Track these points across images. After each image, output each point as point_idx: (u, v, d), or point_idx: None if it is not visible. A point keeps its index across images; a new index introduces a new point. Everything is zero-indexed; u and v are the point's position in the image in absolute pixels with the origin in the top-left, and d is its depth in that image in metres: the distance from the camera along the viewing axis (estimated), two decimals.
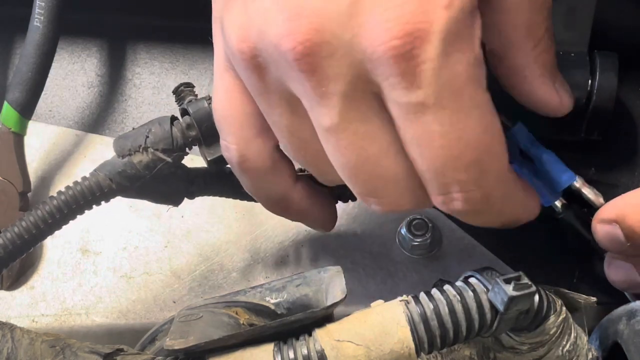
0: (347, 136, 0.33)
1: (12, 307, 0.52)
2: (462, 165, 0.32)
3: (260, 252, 0.53)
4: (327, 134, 0.33)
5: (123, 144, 0.41)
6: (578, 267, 0.51)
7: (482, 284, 0.33)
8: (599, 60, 0.47)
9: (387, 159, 0.33)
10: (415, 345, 0.32)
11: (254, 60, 0.33)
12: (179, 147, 0.41)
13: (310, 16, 0.31)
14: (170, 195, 0.45)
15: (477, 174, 0.32)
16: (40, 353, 0.34)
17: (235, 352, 0.33)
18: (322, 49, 0.31)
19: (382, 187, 0.34)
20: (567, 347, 0.35)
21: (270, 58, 0.33)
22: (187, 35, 0.60)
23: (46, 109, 0.59)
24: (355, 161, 0.33)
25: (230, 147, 0.39)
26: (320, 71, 0.31)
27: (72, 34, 0.60)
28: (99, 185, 0.42)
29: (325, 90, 0.32)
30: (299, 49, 0.31)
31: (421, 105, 0.31)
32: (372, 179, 0.34)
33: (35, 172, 0.56)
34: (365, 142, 0.33)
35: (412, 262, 0.52)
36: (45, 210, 0.42)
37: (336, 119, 0.32)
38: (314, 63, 0.31)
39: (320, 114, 0.33)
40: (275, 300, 0.38)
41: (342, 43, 0.31)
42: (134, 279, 0.53)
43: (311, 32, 0.31)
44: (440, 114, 0.31)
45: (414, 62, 0.30)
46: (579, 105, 0.48)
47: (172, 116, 0.42)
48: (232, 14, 0.34)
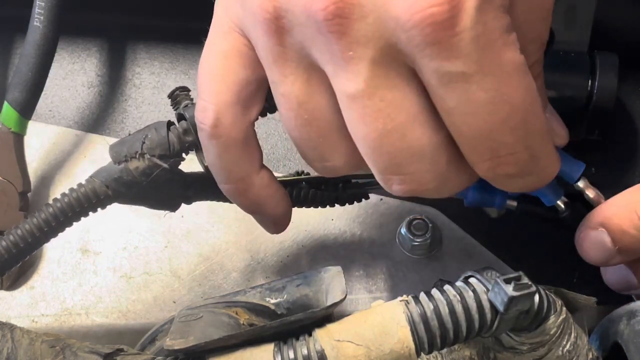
0: (374, 103, 0.32)
1: (12, 307, 0.52)
2: (509, 128, 0.32)
3: (260, 252, 0.53)
4: (350, 102, 0.32)
5: (119, 150, 0.41)
6: (578, 267, 0.51)
7: (482, 284, 0.33)
8: (599, 60, 0.47)
9: (415, 129, 0.32)
10: (415, 345, 0.32)
11: (277, 22, 0.33)
12: (175, 153, 0.41)
13: None
14: (167, 201, 0.44)
15: (524, 134, 0.32)
16: (40, 353, 0.34)
17: (235, 352, 0.33)
18: (354, 12, 0.30)
19: (408, 161, 0.33)
20: (567, 347, 0.35)
21: (295, 20, 0.32)
22: (187, 35, 0.60)
23: (46, 109, 0.59)
24: (381, 130, 0.32)
25: (208, 106, 0.37)
26: (349, 34, 0.31)
27: (72, 34, 0.60)
28: (95, 192, 0.41)
29: (353, 55, 0.31)
30: (330, 8, 0.30)
31: (462, 74, 0.30)
32: (397, 151, 0.33)
33: (35, 172, 0.56)
34: (392, 110, 0.32)
35: (412, 262, 0.52)
36: (41, 217, 0.41)
37: (362, 84, 0.31)
38: (344, 25, 0.30)
39: (345, 79, 0.32)
40: (275, 300, 0.38)
41: (375, 7, 0.30)
42: (134, 279, 0.53)
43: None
44: (483, 81, 0.30)
45: (451, 31, 0.29)
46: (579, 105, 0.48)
47: (169, 121, 0.42)
48: None
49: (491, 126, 0.32)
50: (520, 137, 0.32)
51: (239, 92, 0.37)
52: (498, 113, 0.31)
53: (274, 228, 0.45)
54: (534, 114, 0.33)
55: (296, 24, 0.32)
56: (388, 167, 0.34)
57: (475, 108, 0.31)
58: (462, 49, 0.30)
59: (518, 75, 0.31)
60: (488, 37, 0.30)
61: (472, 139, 0.32)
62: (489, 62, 0.30)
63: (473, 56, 0.30)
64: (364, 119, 0.32)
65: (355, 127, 0.33)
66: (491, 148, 0.32)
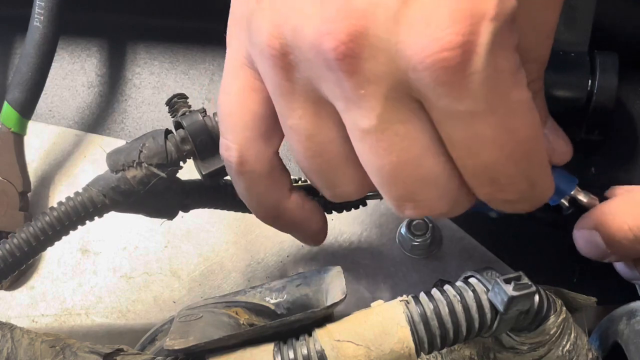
0: (388, 137, 0.32)
1: (12, 307, 0.52)
2: (512, 161, 0.32)
3: (260, 252, 0.53)
4: (364, 136, 0.32)
5: (116, 158, 0.41)
6: (578, 267, 0.51)
7: (482, 284, 0.33)
8: (599, 60, 0.47)
9: (428, 160, 0.33)
10: (415, 345, 0.32)
11: (284, 58, 0.33)
12: (173, 162, 0.40)
13: (355, 17, 0.30)
14: (164, 209, 0.44)
15: (525, 166, 0.33)
16: (40, 353, 0.34)
17: (235, 352, 0.33)
18: (365, 51, 0.30)
19: (421, 190, 0.33)
20: (567, 347, 0.35)
21: (302, 56, 0.32)
22: (187, 35, 0.60)
23: (46, 109, 0.59)
24: (396, 162, 0.32)
25: (231, 146, 0.38)
26: (360, 73, 0.31)
27: (72, 34, 0.60)
28: (92, 201, 0.41)
29: (365, 93, 0.31)
30: (341, 48, 0.30)
31: (471, 113, 0.30)
32: (411, 181, 0.33)
33: (35, 172, 0.56)
34: (406, 143, 0.32)
35: (412, 262, 0.52)
36: (38, 226, 0.41)
37: (375, 120, 0.32)
38: (355, 64, 0.30)
39: (358, 115, 0.32)
40: (275, 300, 0.38)
41: (386, 48, 0.30)
42: (134, 279, 0.53)
43: (355, 33, 0.30)
44: (490, 119, 0.31)
45: (463, 73, 0.29)
46: (579, 105, 0.48)
47: (166, 129, 0.41)
48: (265, 10, 0.33)
49: (495, 160, 0.32)
50: (521, 169, 0.33)
51: (259, 127, 0.37)
52: (503, 148, 0.32)
53: (312, 242, 0.45)
54: (537, 146, 0.33)
55: (303, 60, 0.32)
56: (402, 196, 0.34)
57: (481, 143, 0.31)
58: (472, 89, 0.30)
59: (524, 112, 0.32)
60: (498, 78, 0.30)
61: (475, 171, 0.33)
62: (497, 101, 0.31)
63: (482, 96, 0.30)
64: (378, 152, 0.33)
65: (368, 159, 0.33)
66: (493, 178, 0.33)
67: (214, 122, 0.41)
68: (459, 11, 0.29)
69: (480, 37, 0.29)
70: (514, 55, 0.31)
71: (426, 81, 0.30)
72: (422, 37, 0.29)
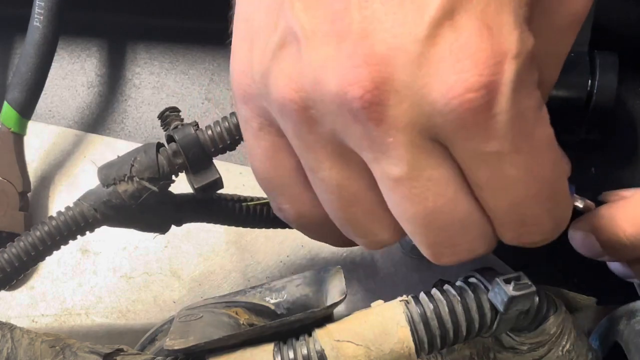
0: (421, 184, 0.31)
1: (12, 307, 0.52)
2: (538, 202, 0.32)
3: (260, 252, 0.53)
4: (396, 185, 0.32)
5: (107, 172, 0.40)
6: (578, 267, 0.51)
7: (482, 284, 0.33)
8: (599, 60, 0.47)
9: (462, 202, 0.32)
10: (415, 345, 0.32)
11: (305, 112, 0.32)
12: (165, 175, 0.40)
13: (379, 64, 0.29)
14: (157, 224, 0.44)
15: (551, 206, 0.33)
16: (40, 353, 0.34)
17: (235, 352, 0.33)
18: (390, 98, 0.30)
19: (460, 233, 0.33)
20: (567, 347, 0.35)
21: (325, 109, 0.31)
22: (187, 35, 0.60)
23: (46, 109, 0.59)
24: (432, 208, 0.32)
25: (284, 207, 0.38)
26: (387, 121, 0.30)
27: (72, 34, 0.60)
28: (83, 216, 0.40)
29: (393, 141, 0.30)
30: (367, 97, 0.29)
31: (496, 154, 0.30)
32: (448, 226, 0.32)
33: (35, 172, 0.56)
34: (439, 188, 0.31)
35: (412, 262, 0.52)
36: (28, 241, 0.40)
37: (406, 168, 0.31)
38: (381, 112, 0.30)
39: (387, 164, 0.31)
40: (275, 300, 0.38)
41: (411, 93, 0.29)
42: (134, 279, 0.53)
43: (379, 80, 0.29)
44: (516, 159, 0.30)
45: (488, 114, 0.29)
46: (579, 105, 0.48)
47: (158, 143, 0.41)
48: (282, 65, 0.32)
49: (521, 201, 0.32)
50: (547, 209, 0.33)
51: (299, 180, 0.36)
52: (528, 188, 0.31)
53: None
54: (561, 184, 0.33)
55: (326, 112, 0.31)
56: (439, 242, 0.33)
57: (507, 184, 0.31)
58: (498, 130, 0.30)
59: (548, 150, 0.32)
60: (522, 117, 0.30)
61: (499, 212, 0.32)
62: (522, 141, 0.30)
63: (508, 136, 0.30)
64: (411, 200, 0.32)
65: (401, 208, 0.33)
66: (518, 220, 0.33)
67: (206, 136, 0.40)
68: (480, 51, 0.28)
69: (504, 76, 0.29)
70: (536, 92, 0.31)
71: (452, 124, 0.30)
72: (445, 79, 0.29)
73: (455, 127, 0.30)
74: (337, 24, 0.30)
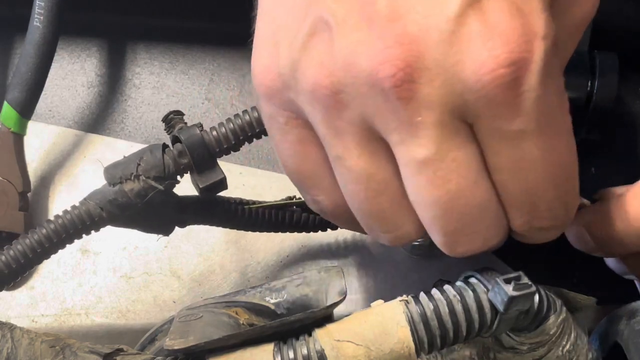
0: (446, 165, 0.31)
1: (12, 307, 0.52)
2: (554, 185, 0.32)
3: (260, 252, 0.53)
4: (421, 167, 0.32)
5: (114, 172, 0.41)
6: (578, 267, 0.51)
7: (482, 284, 0.33)
8: (599, 60, 0.47)
9: (482, 186, 0.32)
10: (415, 345, 0.32)
11: (335, 97, 0.32)
12: (170, 175, 0.40)
13: (411, 43, 0.30)
14: (161, 225, 0.44)
15: (564, 191, 0.33)
16: (40, 353, 0.34)
17: (235, 352, 0.33)
18: (422, 76, 0.30)
19: (477, 220, 0.33)
20: (567, 347, 0.35)
21: (356, 91, 0.31)
22: (187, 35, 0.60)
23: (46, 109, 0.59)
24: (455, 191, 0.32)
25: (318, 199, 0.37)
26: (417, 99, 0.30)
27: (72, 34, 0.60)
28: (89, 214, 0.41)
29: (421, 120, 0.31)
30: (399, 75, 0.30)
31: (521, 133, 0.31)
32: (469, 210, 0.33)
33: (35, 172, 0.56)
34: (463, 171, 0.32)
35: (412, 262, 0.52)
36: (34, 239, 0.41)
37: (434, 148, 0.31)
38: (412, 90, 0.30)
39: (415, 145, 0.31)
40: (275, 300, 0.38)
41: (442, 71, 0.30)
42: (134, 279, 0.53)
43: (411, 59, 0.30)
44: (538, 139, 0.31)
45: (517, 90, 0.30)
46: (579, 105, 0.48)
47: (164, 144, 0.41)
48: (312, 54, 0.32)
49: (537, 184, 0.32)
50: (561, 193, 0.33)
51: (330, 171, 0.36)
52: (547, 171, 0.32)
53: None
54: (574, 170, 0.34)
55: (356, 95, 0.32)
56: (458, 229, 0.33)
57: (526, 166, 0.32)
58: (524, 108, 0.30)
59: (567, 134, 0.32)
60: (548, 98, 0.30)
61: (517, 197, 0.33)
62: (546, 122, 0.31)
63: (533, 115, 0.30)
64: (435, 183, 0.32)
65: (424, 192, 0.33)
66: (532, 204, 0.33)
67: (211, 137, 0.41)
68: (511, 30, 0.29)
69: (534, 55, 0.29)
70: (560, 77, 0.31)
71: (482, 101, 0.30)
72: (477, 56, 0.29)
73: (484, 104, 0.30)
74: (367, 9, 0.30)
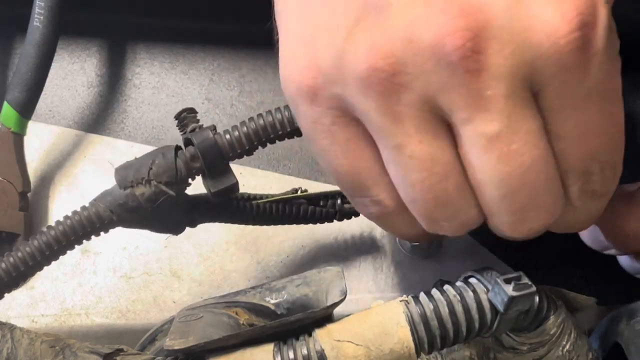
0: (520, 138, 0.30)
1: (12, 307, 0.52)
2: (613, 147, 0.33)
3: (260, 252, 0.53)
4: (492, 143, 0.30)
5: (125, 174, 0.40)
6: (578, 268, 0.51)
7: (482, 284, 0.33)
8: None
9: (548, 159, 0.31)
10: (415, 346, 0.32)
11: (393, 79, 0.30)
12: (182, 179, 0.40)
13: (476, 12, 0.29)
14: (171, 225, 0.44)
15: (619, 152, 0.33)
16: (40, 353, 0.34)
17: (235, 352, 0.33)
18: (492, 45, 0.29)
19: (543, 194, 0.32)
20: (567, 347, 0.35)
21: (419, 68, 0.30)
22: (187, 35, 0.60)
23: (46, 109, 0.59)
24: (528, 165, 0.31)
25: (380, 198, 0.35)
26: (488, 70, 0.29)
27: (72, 34, 0.60)
28: (99, 216, 0.40)
29: (492, 93, 0.29)
30: (468, 45, 0.28)
31: (588, 97, 0.30)
32: (535, 185, 0.32)
33: (35, 172, 0.56)
34: (534, 142, 0.31)
35: (412, 262, 0.52)
36: (43, 240, 0.40)
37: (505, 122, 0.30)
38: (482, 61, 0.29)
39: (485, 120, 0.30)
40: (275, 301, 0.38)
41: (512, 38, 0.29)
42: (134, 279, 0.53)
43: (478, 28, 0.28)
44: (602, 103, 0.31)
45: (588, 53, 0.29)
46: None
47: (177, 146, 0.40)
48: (360, 39, 0.31)
49: (597, 149, 0.32)
50: (614, 156, 0.33)
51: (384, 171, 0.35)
52: (607, 135, 0.32)
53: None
54: (623, 133, 0.34)
55: (419, 74, 0.30)
56: (525, 205, 0.32)
57: (590, 130, 0.31)
58: (593, 70, 0.30)
59: (619, 99, 0.32)
60: (610, 62, 0.30)
61: (576, 162, 0.32)
62: (608, 86, 0.31)
63: (600, 78, 0.30)
64: (507, 158, 0.31)
65: (493, 170, 0.31)
66: (588, 169, 0.33)
67: (224, 140, 0.39)
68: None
69: (600, 18, 0.29)
70: (616, 40, 0.31)
71: (554, 66, 0.29)
72: (549, 20, 0.29)
73: (557, 70, 0.29)
74: None
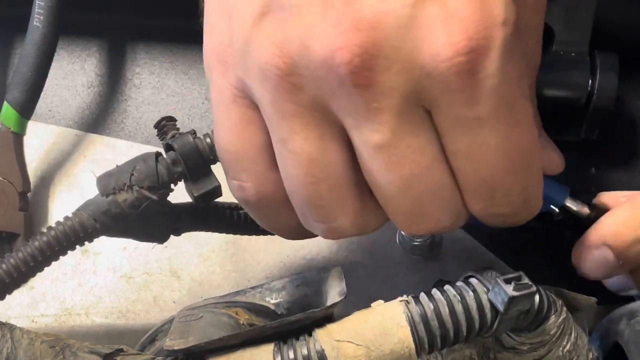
0: (400, 151, 0.32)
1: (12, 307, 0.52)
2: (511, 173, 0.32)
3: (260, 252, 0.53)
4: (376, 152, 0.32)
5: (107, 182, 0.40)
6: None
7: (483, 284, 0.33)
8: (599, 60, 0.47)
9: (436, 171, 0.32)
10: (416, 346, 0.32)
11: (288, 78, 0.31)
12: (164, 184, 0.40)
13: (367, 29, 0.29)
14: (155, 234, 0.44)
15: (522, 179, 0.33)
16: (40, 353, 0.34)
17: (235, 352, 0.33)
18: (379, 63, 0.30)
19: (431, 203, 0.33)
20: (567, 347, 0.35)
21: (310, 75, 0.31)
22: (187, 35, 0.60)
23: (46, 109, 0.59)
24: (408, 176, 0.32)
25: (245, 185, 0.36)
26: (375, 86, 0.30)
27: (72, 34, 0.60)
28: (82, 226, 0.40)
29: (378, 106, 0.30)
30: (355, 61, 0.29)
31: (478, 120, 0.31)
32: (422, 194, 0.33)
33: (35, 172, 0.56)
34: (417, 156, 0.32)
35: (412, 262, 0.52)
36: (27, 251, 0.40)
37: (389, 134, 0.31)
38: (370, 77, 0.30)
39: (370, 130, 0.31)
40: (275, 301, 0.38)
41: (400, 57, 0.30)
42: (134, 279, 0.53)
43: (369, 45, 0.29)
44: (497, 127, 0.31)
45: (475, 78, 0.29)
46: (579, 105, 0.48)
47: (157, 152, 0.41)
48: (264, 32, 0.32)
49: (496, 171, 0.32)
50: (518, 182, 0.33)
51: (267, 157, 0.35)
52: (505, 159, 0.32)
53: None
54: (535, 159, 0.33)
55: (311, 78, 0.31)
56: (411, 211, 0.34)
57: (485, 153, 0.31)
58: (482, 95, 0.30)
59: (527, 122, 0.32)
60: (507, 85, 0.30)
61: (473, 182, 0.33)
62: (504, 109, 0.31)
63: (491, 102, 0.30)
64: (390, 167, 0.32)
65: (379, 176, 0.33)
66: (490, 191, 0.33)
67: (204, 144, 0.40)
68: (470, 16, 0.29)
69: (493, 42, 0.29)
70: (521, 64, 0.31)
71: (439, 87, 0.30)
72: (435, 43, 0.29)
73: (442, 91, 0.30)
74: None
